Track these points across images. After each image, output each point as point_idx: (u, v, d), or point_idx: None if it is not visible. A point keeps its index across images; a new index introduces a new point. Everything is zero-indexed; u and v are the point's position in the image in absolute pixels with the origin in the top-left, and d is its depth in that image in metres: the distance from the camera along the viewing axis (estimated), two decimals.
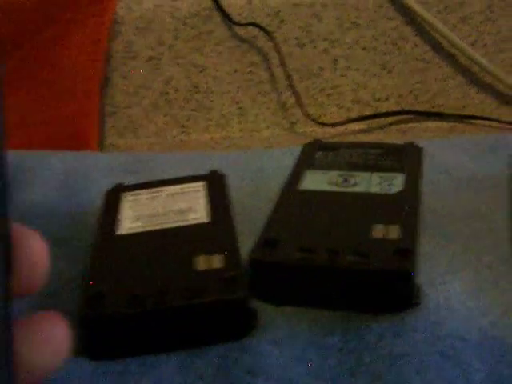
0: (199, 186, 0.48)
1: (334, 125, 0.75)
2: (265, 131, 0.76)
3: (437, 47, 0.74)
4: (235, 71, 0.75)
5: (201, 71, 0.74)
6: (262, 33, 0.73)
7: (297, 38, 0.73)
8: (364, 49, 0.74)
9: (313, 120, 0.73)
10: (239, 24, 0.72)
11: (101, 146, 0.74)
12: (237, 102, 0.75)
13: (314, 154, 0.49)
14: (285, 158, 0.59)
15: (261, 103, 0.75)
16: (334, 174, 0.45)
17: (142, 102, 0.75)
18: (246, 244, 0.39)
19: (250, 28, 0.73)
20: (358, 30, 0.73)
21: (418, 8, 0.71)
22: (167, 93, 0.75)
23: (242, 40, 0.74)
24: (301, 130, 0.76)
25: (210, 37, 0.73)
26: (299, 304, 0.37)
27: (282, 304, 0.37)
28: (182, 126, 0.76)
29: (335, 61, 0.74)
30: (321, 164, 0.47)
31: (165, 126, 0.76)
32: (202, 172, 0.50)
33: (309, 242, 0.37)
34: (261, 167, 0.58)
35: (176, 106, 0.75)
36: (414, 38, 0.73)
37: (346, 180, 0.44)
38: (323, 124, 0.74)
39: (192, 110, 0.76)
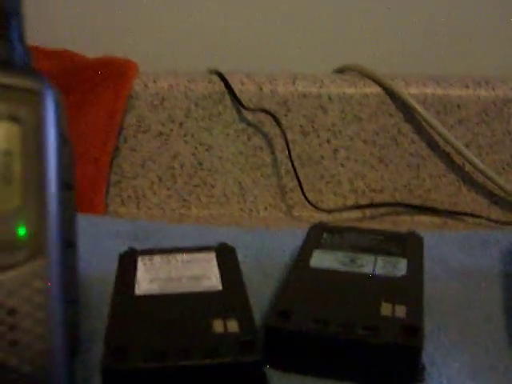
0: (210, 255, 0.50)
1: (330, 211, 0.78)
2: (263, 212, 0.79)
3: (433, 145, 0.78)
4: (240, 153, 0.78)
5: (207, 150, 0.78)
6: (268, 119, 0.76)
7: (301, 126, 0.77)
8: (364, 141, 0.78)
9: (312, 205, 0.76)
10: (248, 109, 0.76)
11: (104, 212, 0.77)
12: (239, 182, 0.78)
13: (320, 236, 0.52)
14: (285, 239, 0.62)
15: (262, 185, 0.79)
16: (341, 255, 0.48)
17: (147, 175, 0.78)
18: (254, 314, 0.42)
19: (258, 114, 0.76)
20: (360, 123, 0.77)
21: (418, 107, 0.75)
22: (173, 167, 0.78)
23: (250, 124, 0.77)
24: (298, 214, 0.79)
25: (219, 119, 0.77)
26: (307, 372, 0.39)
27: (291, 371, 0.39)
28: (184, 200, 0.79)
29: (336, 151, 0.78)
30: (328, 245, 0.50)
31: (167, 199, 0.79)
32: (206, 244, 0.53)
33: (322, 315, 0.39)
34: (263, 245, 0.61)
35: (180, 180, 0.78)
36: (412, 134, 0.78)
37: (352, 261, 0.47)
38: (320, 209, 0.77)
39: (195, 185, 0.78)
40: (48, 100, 0.20)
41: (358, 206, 0.79)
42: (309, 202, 0.76)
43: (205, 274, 0.47)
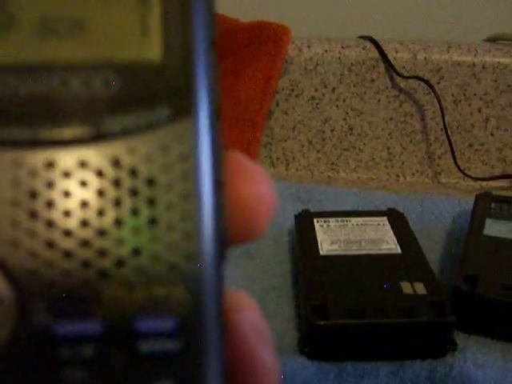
0: (383, 220, 0.52)
1: (477, 179, 0.79)
2: (410, 177, 0.81)
3: None
4: (390, 119, 0.80)
5: (358, 115, 0.80)
6: (420, 87, 0.78)
7: (453, 95, 0.78)
8: None
9: (462, 172, 0.77)
10: (402, 76, 0.77)
11: None
12: (387, 148, 0.80)
13: (489, 205, 0.54)
14: (442, 205, 0.64)
15: (410, 151, 0.80)
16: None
17: (297, 137, 0.81)
18: None
19: (411, 81, 0.78)
20: None
21: None
22: (323, 131, 0.80)
23: (402, 91, 0.79)
24: (444, 181, 0.80)
25: (372, 85, 0.79)
26: (491, 335, 0.41)
27: (474, 332, 0.41)
28: (332, 164, 0.81)
29: (487, 120, 0.79)
30: (498, 214, 0.52)
31: (315, 162, 0.82)
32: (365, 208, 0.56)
33: (507, 280, 0.41)
34: (422, 210, 0.63)
35: (329, 144, 0.81)
36: None
37: None
38: (468, 177, 0.78)
39: (344, 149, 0.81)
40: None
41: (505, 176, 0.79)
42: (459, 169, 0.77)
43: (381, 237, 0.49)
